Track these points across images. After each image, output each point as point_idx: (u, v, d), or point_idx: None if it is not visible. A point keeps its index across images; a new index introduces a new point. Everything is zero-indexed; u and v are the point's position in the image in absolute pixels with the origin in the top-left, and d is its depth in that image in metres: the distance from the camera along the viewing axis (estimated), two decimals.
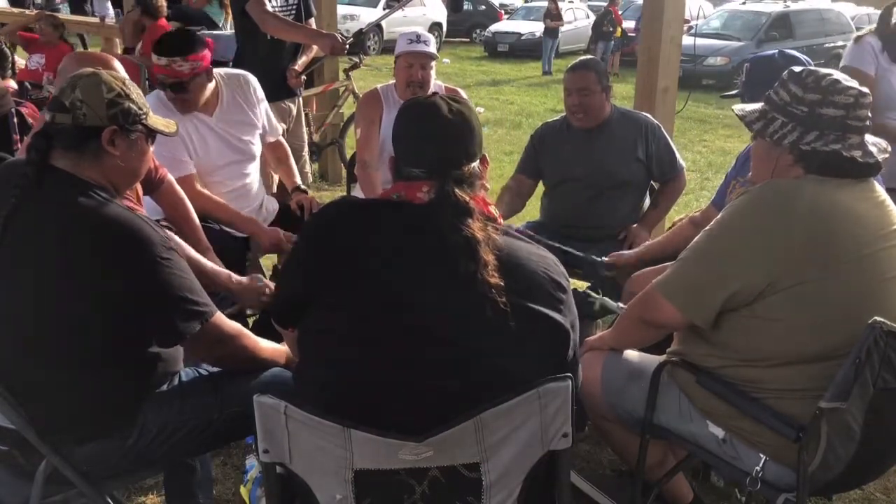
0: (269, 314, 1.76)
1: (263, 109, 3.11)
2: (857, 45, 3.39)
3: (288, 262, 1.63)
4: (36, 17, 7.32)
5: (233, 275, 2.41)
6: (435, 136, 1.55)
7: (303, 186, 3.22)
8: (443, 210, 1.47)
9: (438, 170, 1.52)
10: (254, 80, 3.09)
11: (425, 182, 1.52)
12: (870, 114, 1.79)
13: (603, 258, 2.86)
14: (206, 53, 2.82)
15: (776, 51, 2.67)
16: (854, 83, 1.79)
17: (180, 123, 2.30)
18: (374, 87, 3.47)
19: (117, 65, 2.34)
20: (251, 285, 2.38)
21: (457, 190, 1.49)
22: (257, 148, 3.08)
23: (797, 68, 1.85)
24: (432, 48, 3.28)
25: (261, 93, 3.11)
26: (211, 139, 2.90)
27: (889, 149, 1.82)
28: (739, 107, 1.95)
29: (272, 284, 2.38)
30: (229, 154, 2.97)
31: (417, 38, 3.26)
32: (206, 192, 2.84)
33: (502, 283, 1.42)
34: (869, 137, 1.79)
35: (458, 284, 1.42)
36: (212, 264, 2.41)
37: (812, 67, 1.86)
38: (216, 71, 2.99)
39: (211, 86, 2.88)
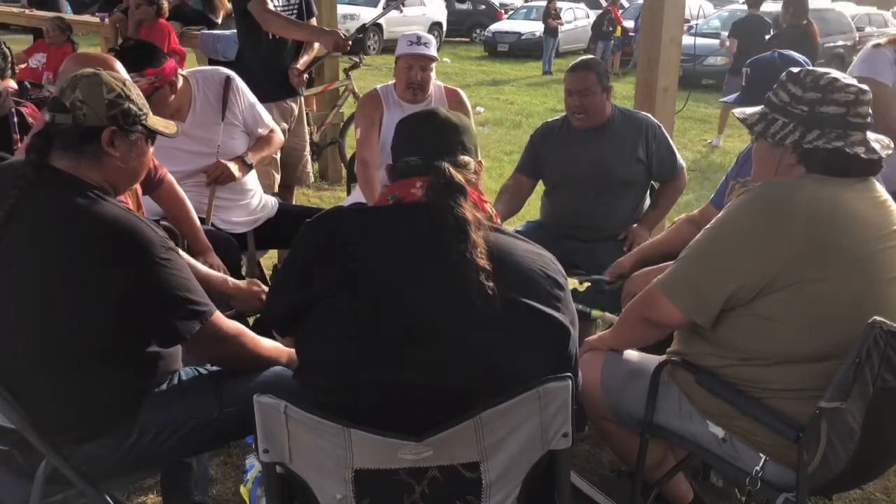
0: (266, 320, 1.75)
1: (246, 106, 3.05)
2: (873, 53, 2.99)
3: (285, 268, 1.62)
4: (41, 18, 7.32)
5: (229, 278, 2.40)
6: (430, 128, 1.63)
7: (248, 161, 3.04)
8: (437, 186, 1.49)
9: (433, 156, 1.54)
10: (236, 79, 3.04)
11: (419, 178, 1.53)
12: (871, 111, 1.79)
13: (602, 276, 2.85)
14: (169, 64, 2.72)
15: (775, 53, 2.66)
16: (853, 81, 1.79)
17: None
18: (374, 88, 3.47)
19: (119, 66, 2.34)
20: (248, 289, 2.37)
21: (451, 168, 1.52)
22: (237, 144, 3.02)
23: (795, 69, 1.85)
24: (433, 51, 3.29)
25: (246, 90, 3.07)
26: (185, 144, 2.85)
27: (892, 146, 1.82)
28: (740, 110, 1.95)
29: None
30: (205, 158, 2.92)
31: (418, 40, 3.26)
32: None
33: (489, 267, 1.43)
34: (871, 134, 1.79)
35: (454, 282, 1.42)
36: (206, 268, 2.39)
37: (810, 67, 1.86)
38: (191, 71, 2.96)
39: (180, 93, 2.81)
